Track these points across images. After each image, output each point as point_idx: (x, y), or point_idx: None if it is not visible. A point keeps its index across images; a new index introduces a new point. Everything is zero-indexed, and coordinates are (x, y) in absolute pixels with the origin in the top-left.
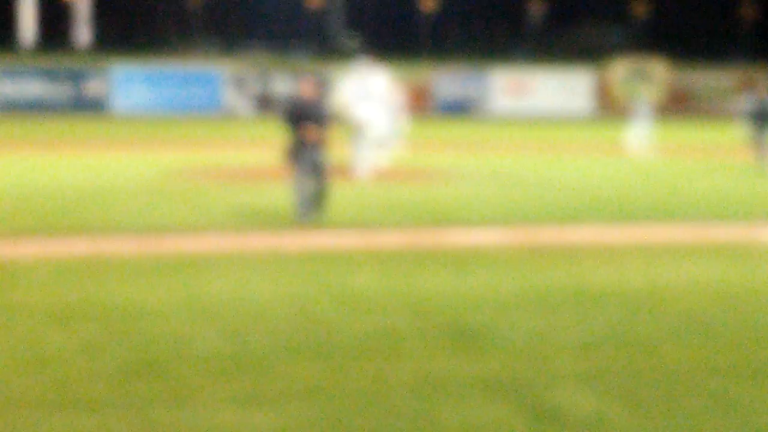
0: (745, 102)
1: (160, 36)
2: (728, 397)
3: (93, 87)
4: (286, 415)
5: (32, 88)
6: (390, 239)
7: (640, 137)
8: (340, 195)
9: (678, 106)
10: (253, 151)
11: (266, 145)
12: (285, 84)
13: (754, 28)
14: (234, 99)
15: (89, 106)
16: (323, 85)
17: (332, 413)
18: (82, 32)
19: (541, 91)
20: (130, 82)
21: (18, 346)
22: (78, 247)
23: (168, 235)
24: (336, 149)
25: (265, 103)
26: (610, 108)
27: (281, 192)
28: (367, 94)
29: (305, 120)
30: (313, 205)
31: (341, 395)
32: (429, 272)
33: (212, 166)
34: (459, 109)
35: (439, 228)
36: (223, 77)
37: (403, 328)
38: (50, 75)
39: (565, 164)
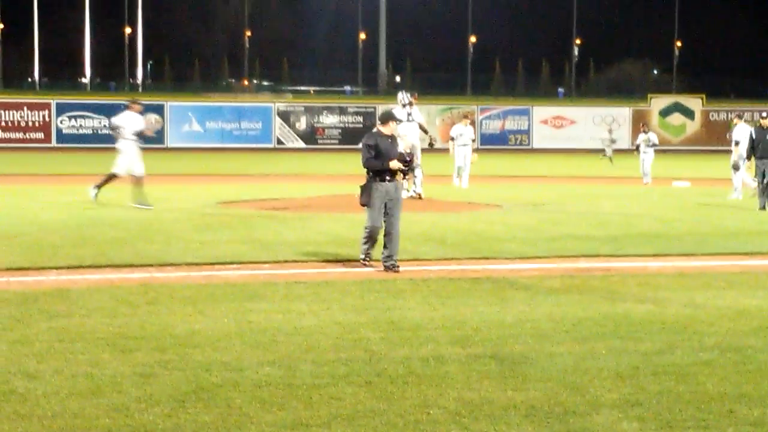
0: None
1: (214, 74)
2: (761, 424)
3: (149, 122)
4: None
5: (91, 123)
6: (434, 269)
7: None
8: None
9: (712, 139)
10: (303, 183)
11: (315, 178)
12: (331, 118)
13: None
14: (283, 132)
15: (146, 140)
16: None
17: None
18: (139, 71)
19: (581, 125)
20: (184, 117)
21: (75, 372)
22: (133, 276)
23: (221, 266)
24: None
25: (312, 137)
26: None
27: (329, 223)
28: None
29: (385, 157)
30: (384, 246)
31: (386, 421)
32: (471, 301)
33: (264, 197)
34: (501, 142)
35: (481, 258)
36: (274, 111)
37: (447, 356)
38: (109, 111)
39: (602, 195)
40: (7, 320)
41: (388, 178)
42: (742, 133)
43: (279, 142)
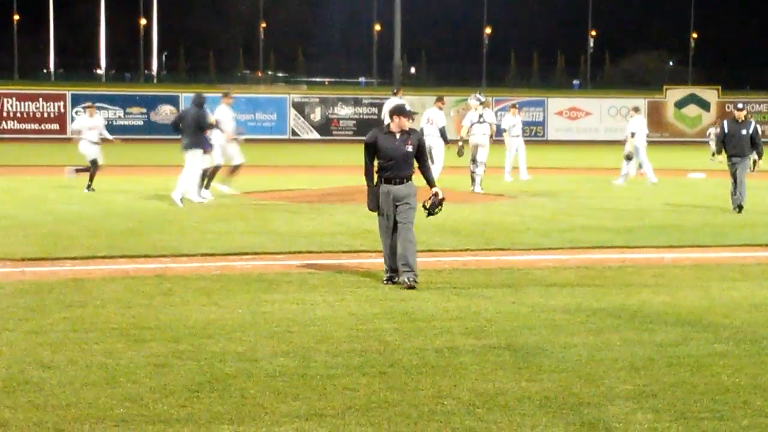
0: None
1: (228, 65)
2: None
3: (164, 113)
4: (347, 430)
5: (106, 114)
6: (448, 260)
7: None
8: None
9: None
10: (316, 174)
11: (329, 169)
12: (346, 110)
13: None
14: (298, 124)
15: (159, 131)
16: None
17: (391, 428)
18: (154, 62)
19: (596, 117)
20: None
21: (89, 362)
22: (148, 267)
23: (235, 256)
24: None
25: (327, 128)
26: (662, 133)
27: (344, 214)
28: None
29: (384, 155)
30: (400, 264)
31: (400, 411)
32: (486, 292)
33: (278, 188)
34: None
35: (495, 249)
36: (289, 103)
37: (461, 347)
38: (124, 102)
39: (617, 186)
40: (23, 310)
41: (396, 180)
42: (636, 125)
43: (294, 133)
